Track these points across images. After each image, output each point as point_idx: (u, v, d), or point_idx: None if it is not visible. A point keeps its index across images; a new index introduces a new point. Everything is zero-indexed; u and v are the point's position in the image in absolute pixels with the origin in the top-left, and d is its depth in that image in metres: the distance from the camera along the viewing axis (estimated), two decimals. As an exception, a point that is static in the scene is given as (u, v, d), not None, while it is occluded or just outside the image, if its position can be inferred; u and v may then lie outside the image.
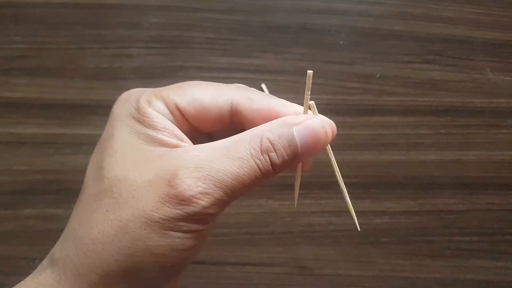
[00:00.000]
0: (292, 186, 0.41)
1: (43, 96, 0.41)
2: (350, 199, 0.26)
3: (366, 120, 0.41)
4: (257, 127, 0.21)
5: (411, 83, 0.42)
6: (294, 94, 0.41)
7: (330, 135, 0.22)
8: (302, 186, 0.40)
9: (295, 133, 0.21)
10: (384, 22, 0.42)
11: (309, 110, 0.22)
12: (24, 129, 0.40)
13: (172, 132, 0.22)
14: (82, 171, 0.41)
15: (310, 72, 0.21)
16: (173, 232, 0.19)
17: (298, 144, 0.21)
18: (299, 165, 0.24)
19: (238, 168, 0.20)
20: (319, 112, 0.22)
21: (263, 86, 0.41)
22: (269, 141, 0.20)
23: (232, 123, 0.23)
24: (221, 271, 0.39)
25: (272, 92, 0.41)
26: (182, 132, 0.23)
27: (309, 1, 0.42)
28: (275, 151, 0.20)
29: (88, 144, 0.40)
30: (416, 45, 0.42)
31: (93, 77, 0.41)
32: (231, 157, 0.20)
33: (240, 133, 0.21)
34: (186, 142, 0.22)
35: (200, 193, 0.19)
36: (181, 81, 0.25)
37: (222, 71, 0.41)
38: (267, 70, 0.41)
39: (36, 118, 0.40)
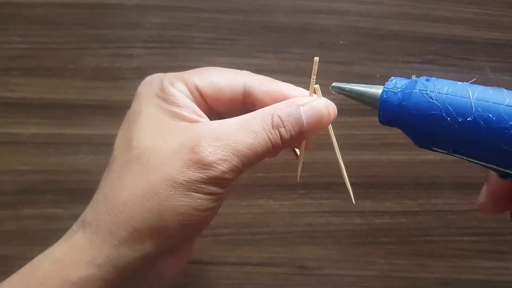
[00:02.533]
0: (291, 186, 0.41)
1: (43, 96, 0.41)
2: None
3: (366, 120, 0.41)
4: (268, 106, 0.24)
5: (411, 83, 0.42)
6: (294, 94, 0.41)
7: (332, 115, 0.25)
8: (302, 186, 0.40)
9: (302, 112, 0.24)
10: (384, 22, 0.42)
11: (314, 93, 0.25)
12: (24, 129, 0.40)
13: (192, 109, 0.24)
14: (82, 171, 0.41)
15: (316, 58, 0.25)
16: (195, 194, 0.22)
17: (304, 122, 0.24)
18: (303, 143, 0.27)
19: (253, 140, 0.22)
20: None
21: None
22: (279, 118, 0.23)
23: (244, 104, 0.26)
24: (221, 271, 0.39)
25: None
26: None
27: (309, 1, 0.42)
28: (284, 127, 0.23)
29: (88, 144, 0.40)
30: (416, 45, 0.42)
31: (93, 77, 0.41)
32: (247, 130, 0.23)
33: (253, 112, 0.24)
34: (204, 119, 0.25)
35: (220, 159, 0.22)
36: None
37: (222, 71, 0.41)
38: (267, 70, 0.41)
39: (36, 118, 0.40)
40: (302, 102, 0.24)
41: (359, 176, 0.40)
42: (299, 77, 0.41)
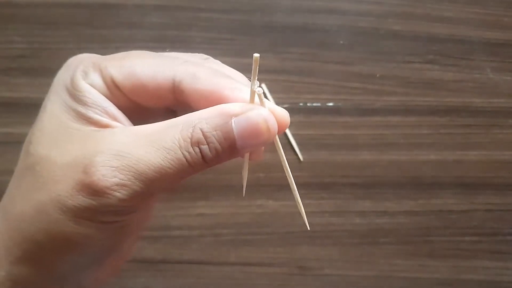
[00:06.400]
0: (289, 186, 0.41)
1: (43, 96, 0.40)
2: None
3: (366, 120, 0.41)
4: (194, 113, 0.19)
5: (411, 83, 0.42)
6: (294, 94, 0.41)
7: (273, 129, 0.19)
8: (302, 185, 0.40)
9: (233, 125, 0.18)
10: (384, 22, 0.42)
11: (265, 100, 0.19)
12: (24, 129, 0.40)
13: (104, 110, 0.20)
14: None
15: (256, 55, 0.17)
16: (87, 222, 0.18)
17: (236, 137, 0.18)
18: (247, 155, 0.21)
19: (163, 160, 0.18)
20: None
21: (263, 86, 0.41)
22: (202, 132, 0.18)
23: (176, 101, 0.20)
24: (221, 271, 0.39)
25: (272, 91, 0.41)
26: (121, 107, 0.20)
27: (309, 0, 0.42)
28: (208, 144, 0.18)
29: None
30: (417, 45, 0.42)
31: (93, 77, 0.41)
32: (157, 146, 0.18)
33: (175, 118, 0.19)
34: (121, 121, 0.20)
35: (116, 184, 0.17)
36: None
37: (222, 71, 0.41)
38: (268, 70, 0.41)
39: (36, 118, 0.40)
40: (236, 112, 0.18)
41: (359, 176, 0.40)
42: (299, 77, 0.41)
